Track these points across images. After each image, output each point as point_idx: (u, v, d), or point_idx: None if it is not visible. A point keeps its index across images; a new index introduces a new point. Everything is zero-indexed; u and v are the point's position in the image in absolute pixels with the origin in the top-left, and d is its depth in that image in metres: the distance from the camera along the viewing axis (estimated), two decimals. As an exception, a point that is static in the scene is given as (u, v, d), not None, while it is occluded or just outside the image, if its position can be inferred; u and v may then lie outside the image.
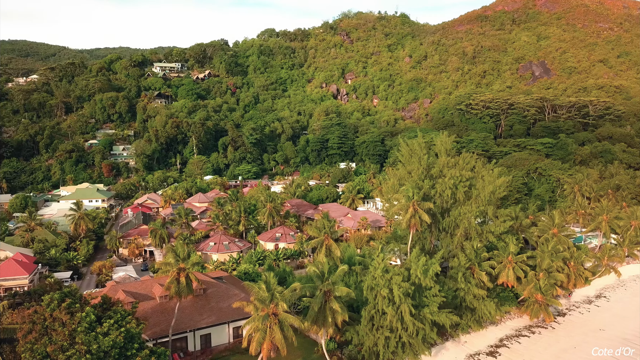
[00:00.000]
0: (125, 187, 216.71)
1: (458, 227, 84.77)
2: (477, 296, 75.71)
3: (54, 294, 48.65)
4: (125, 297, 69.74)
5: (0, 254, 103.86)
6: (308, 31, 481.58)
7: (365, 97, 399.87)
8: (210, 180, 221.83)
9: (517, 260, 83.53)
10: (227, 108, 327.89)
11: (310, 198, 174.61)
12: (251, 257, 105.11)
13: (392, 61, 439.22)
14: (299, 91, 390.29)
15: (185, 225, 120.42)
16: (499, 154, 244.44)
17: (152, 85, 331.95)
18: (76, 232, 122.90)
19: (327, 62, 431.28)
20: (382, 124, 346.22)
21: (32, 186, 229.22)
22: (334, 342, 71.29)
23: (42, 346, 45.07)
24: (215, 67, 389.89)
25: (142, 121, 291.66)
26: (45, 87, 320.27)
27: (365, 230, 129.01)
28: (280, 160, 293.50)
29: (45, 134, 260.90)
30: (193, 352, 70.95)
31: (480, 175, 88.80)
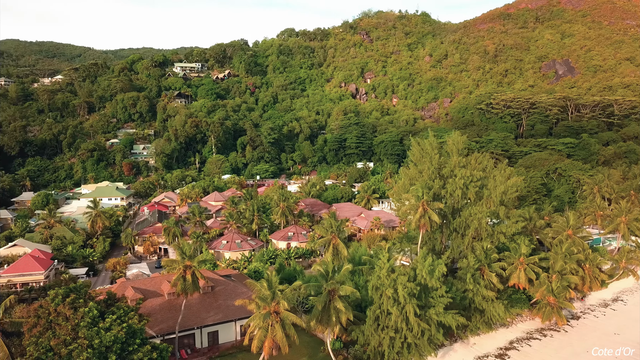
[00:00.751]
0: (144, 186, 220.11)
1: (469, 228, 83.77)
2: (486, 297, 74.63)
3: (59, 289, 49.67)
4: (134, 294, 70.75)
5: (19, 250, 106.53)
6: (327, 31, 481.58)
7: (385, 97, 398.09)
8: (228, 180, 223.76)
9: (528, 262, 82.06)
10: (246, 108, 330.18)
11: (325, 197, 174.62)
12: (262, 256, 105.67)
13: (412, 60, 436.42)
14: (318, 91, 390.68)
15: (199, 223, 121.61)
16: (519, 154, 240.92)
17: (172, 85, 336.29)
18: (93, 229, 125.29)
19: (346, 61, 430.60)
20: (401, 124, 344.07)
21: (54, 184, 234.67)
22: (340, 341, 71.11)
23: (46, 340, 46.05)
24: (235, 67, 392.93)
25: (162, 121, 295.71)
26: (69, 87, 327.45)
27: (379, 231, 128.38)
28: (298, 160, 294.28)
29: (68, 133, 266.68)
30: (200, 349, 71.56)
31: (492, 175, 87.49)
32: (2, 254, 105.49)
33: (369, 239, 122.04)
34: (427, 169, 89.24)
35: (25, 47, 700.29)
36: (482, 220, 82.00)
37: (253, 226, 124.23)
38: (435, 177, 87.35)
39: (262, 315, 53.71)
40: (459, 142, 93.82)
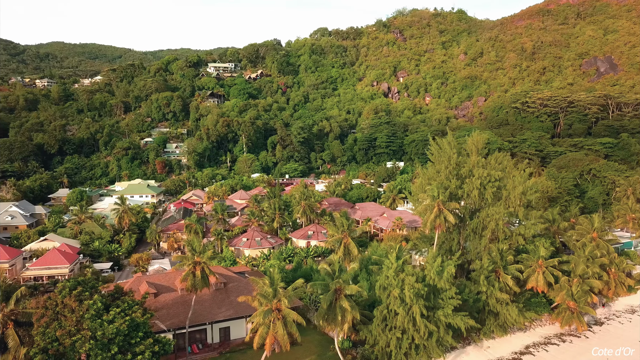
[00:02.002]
0: (174, 184, 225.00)
1: (486, 229, 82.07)
2: (500, 300, 72.95)
3: (67, 282, 51.44)
4: (147, 288, 72.55)
5: (49, 244, 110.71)
6: (360, 30, 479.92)
7: (417, 95, 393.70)
8: (256, 178, 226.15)
9: (547, 265, 79.67)
10: (277, 107, 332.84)
11: (350, 197, 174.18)
12: (281, 254, 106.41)
13: (446, 58, 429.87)
14: (349, 90, 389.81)
15: (222, 220, 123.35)
16: (554, 154, 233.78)
17: (205, 85, 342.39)
18: (120, 225, 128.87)
19: (379, 60, 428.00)
20: (433, 123, 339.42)
21: (90, 181, 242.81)
22: (349, 340, 70.96)
23: (53, 330, 47.83)
24: (268, 66, 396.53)
25: (195, 120, 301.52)
26: (107, 88, 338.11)
27: (400, 231, 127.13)
28: (327, 159, 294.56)
29: (105, 132, 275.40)
30: (211, 344, 72.69)
31: (511, 175, 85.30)
32: (33, 248, 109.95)
33: (390, 239, 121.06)
34: (445, 168, 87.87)
35: (69, 49, 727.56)
36: (499, 222, 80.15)
37: (274, 224, 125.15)
38: (452, 176, 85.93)
39: (262, 312, 54.14)
40: (479, 142, 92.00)
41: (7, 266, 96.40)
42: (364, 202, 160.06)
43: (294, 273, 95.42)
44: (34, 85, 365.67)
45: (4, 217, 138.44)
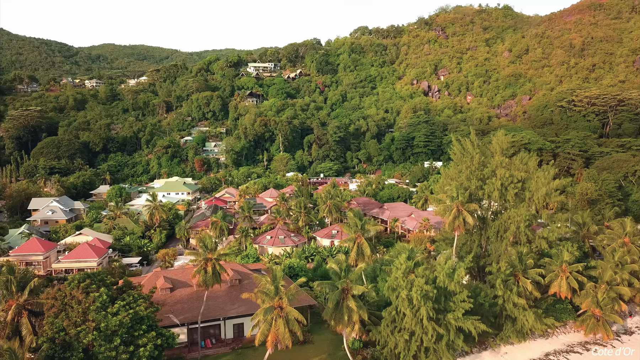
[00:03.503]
0: (210, 182, 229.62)
1: (507, 231, 79.67)
2: (517, 305, 70.56)
3: (76, 275, 53.46)
4: (163, 283, 74.49)
5: (83, 238, 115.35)
6: (401, 28, 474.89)
7: (459, 94, 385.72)
8: (290, 177, 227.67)
9: (572, 270, 76.40)
10: (314, 107, 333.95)
11: (381, 197, 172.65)
12: (302, 252, 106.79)
13: (489, 56, 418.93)
14: (388, 88, 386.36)
15: (248, 218, 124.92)
16: (599, 154, 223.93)
17: (244, 85, 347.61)
18: (151, 221, 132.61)
19: (420, 58, 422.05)
20: (474, 122, 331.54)
21: (132, 179, 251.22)
22: (360, 341, 70.48)
23: (60, 320, 49.86)
24: (307, 66, 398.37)
25: (233, 119, 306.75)
26: (151, 88, 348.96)
27: (428, 232, 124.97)
28: (363, 158, 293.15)
29: (147, 131, 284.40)
30: (225, 340, 73.84)
31: (535, 176, 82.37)
32: (68, 242, 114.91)
33: (417, 240, 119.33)
34: (466, 168, 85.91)
35: (119, 51, 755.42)
36: (520, 224, 77.59)
37: (300, 223, 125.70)
38: (472, 177, 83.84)
39: (264, 310, 54.56)
40: (503, 142, 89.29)
41: (42, 258, 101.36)
42: (394, 203, 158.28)
43: (314, 272, 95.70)
44: (83, 86, 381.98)
45: (45, 212, 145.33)
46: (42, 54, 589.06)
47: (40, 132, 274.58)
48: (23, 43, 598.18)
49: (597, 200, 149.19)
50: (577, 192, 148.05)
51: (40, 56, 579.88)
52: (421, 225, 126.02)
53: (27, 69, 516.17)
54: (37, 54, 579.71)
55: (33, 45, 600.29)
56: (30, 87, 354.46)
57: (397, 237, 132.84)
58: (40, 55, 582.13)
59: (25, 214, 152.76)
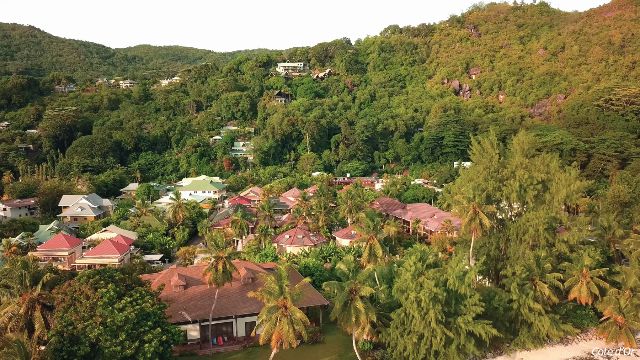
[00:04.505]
0: (237, 180, 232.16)
1: (526, 234, 77.62)
2: (533, 310, 68.61)
3: (85, 271, 54.86)
4: (177, 280, 75.69)
5: (108, 235, 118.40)
6: (433, 26, 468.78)
7: (490, 93, 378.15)
8: (315, 177, 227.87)
9: (593, 275, 73.73)
10: (342, 106, 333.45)
11: (405, 197, 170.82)
12: (320, 252, 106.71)
13: (523, 54, 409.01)
14: (418, 87, 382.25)
15: (269, 217, 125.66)
16: (636, 155, 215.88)
17: (273, 85, 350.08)
18: (175, 219, 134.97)
19: (451, 57, 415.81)
20: (506, 121, 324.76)
21: (162, 177, 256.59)
22: (370, 343, 69.90)
23: (69, 315, 51.21)
24: (336, 65, 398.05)
25: (262, 119, 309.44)
26: (183, 88, 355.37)
27: (450, 234, 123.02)
28: (391, 158, 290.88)
29: (177, 130, 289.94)
30: (237, 338, 74.39)
31: (556, 177, 79.87)
32: (93, 238, 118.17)
33: (438, 242, 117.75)
34: (483, 169, 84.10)
35: (154, 52, 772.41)
36: (539, 227, 75.39)
37: (320, 223, 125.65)
38: (490, 178, 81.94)
39: (267, 309, 54.75)
40: (524, 142, 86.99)
41: (67, 254, 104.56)
42: (417, 203, 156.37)
43: (330, 272, 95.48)
44: (118, 86, 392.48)
45: (75, 209, 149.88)
46: (81, 55, 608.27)
47: (76, 131, 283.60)
48: (63, 45, 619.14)
49: (630, 203, 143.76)
50: (609, 194, 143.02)
51: (79, 57, 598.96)
52: (443, 227, 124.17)
53: (66, 70, 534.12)
54: (75, 56, 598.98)
55: (72, 47, 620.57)
56: (67, 88, 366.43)
57: (418, 238, 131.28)
58: (79, 57, 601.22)
59: (57, 210, 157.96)
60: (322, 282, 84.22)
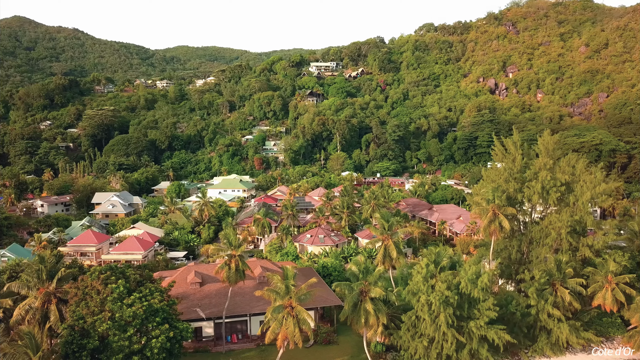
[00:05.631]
0: (266, 180, 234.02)
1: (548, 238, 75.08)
2: (552, 316, 66.28)
3: (97, 267, 56.29)
4: (193, 277, 76.84)
5: (135, 232, 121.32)
6: (469, 24, 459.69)
7: (528, 92, 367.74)
8: (344, 177, 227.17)
9: (619, 281, 70.57)
10: (374, 105, 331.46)
11: (433, 198, 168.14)
12: (341, 252, 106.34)
13: (563, 51, 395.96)
14: (452, 86, 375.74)
15: (292, 216, 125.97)
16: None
17: (305, 85, 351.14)
18: (201, 217, 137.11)
19: (487, 55, 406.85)
20: (543, 121, 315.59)
21: (194, 176, 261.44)
22: (382, 345, 69.17)
23: (81, 309, 52.71)
24: (369, 64, 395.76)
25: (293, 119, 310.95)
26: (217, 88, 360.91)
27: (475, 235, 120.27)
28: (423, 158, 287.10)
29: (210, 130, 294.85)
30: (251, 336, 74.90)
31: (581, 179, 76.85)
32: (121, 235, 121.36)
33: (463, 243, 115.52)
34: (505, 170, 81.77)
35: (192, 52, 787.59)
36: (561, 230, 72.77)
37: (342, 223, 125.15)
38: (512, 179, 79.59)
39: (273, 308, 54.87)
40: (549, 142, 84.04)
41: (94, 249, 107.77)
42: (444, 204, 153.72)
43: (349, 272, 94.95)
44: (155, 86, 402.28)
45: (107, 206, 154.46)
46: (122, 56, 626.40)
47: (113, 130, 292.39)
48: (105, 47, 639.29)
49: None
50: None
51: (119, 59, 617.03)
52: (468, 229, 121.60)
53: (107, 70, 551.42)
54: (116, 57, 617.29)
55: (114, 49, 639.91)
56: (106, 88, 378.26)
57: (444, 240, 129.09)
58: (120, 58, 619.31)
59: (90, 207, 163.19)
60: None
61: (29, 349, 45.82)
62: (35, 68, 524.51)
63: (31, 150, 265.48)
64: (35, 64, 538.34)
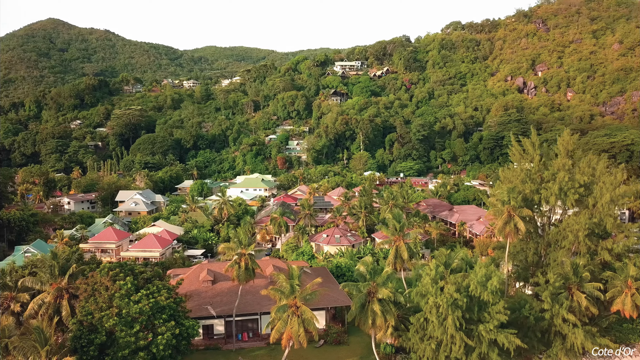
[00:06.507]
0: (287, 179, 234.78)
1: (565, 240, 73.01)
2: (567, 321, 64.40)
3: (107, 264, 57.35)
4: (205, 276, 77.59)
5: (155, 229, 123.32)
6: (497, 22, 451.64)
7: (558, 91, 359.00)
8: (366, 176, 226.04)
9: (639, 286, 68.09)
10: (398, 104, 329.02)
11: (455, 199, 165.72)
12: (358, 252, 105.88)
13: (595, 49, 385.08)
14: (479, 85, 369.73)
15: (309, 216, 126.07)
16: None
17: (329, 84, 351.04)
18: (220, 216, 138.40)
19: (515, 53, 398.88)
20: (573, 121, 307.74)
21: (218, 175, 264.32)
22: (392, 346, 68.56)
23: (89, 305, 53.82)
24: (394, 63, 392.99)
25: (316, 118, 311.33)
26: (242, 87, 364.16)
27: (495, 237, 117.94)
28: (448, 158, 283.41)
29: (234, 129, 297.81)
30: (262, 335, 75.19)
31: (601, 181, 74.46)
32: (141, 232, 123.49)
33: (482, 245, 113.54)
34: (521, 171, 79.86)
35: (220, 52, 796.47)
36: (579, 233, 70.61)
37: (360, 223, 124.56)
38: (528, 180, 77.69)
39: (278, 308, 54.93)
40: (569, 143, 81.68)
41: (114, 246, 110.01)
42: (465, 205, 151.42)
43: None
44: (182, 86, 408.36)
45: (130, 204, 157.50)
46: (151, 57, 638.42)
47: (140, 129, 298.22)
48: (135, 47, 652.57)
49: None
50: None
51: (149, 59, 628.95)
52: (488, 230, 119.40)
53: (137, 71, 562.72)
54: (146, 57, 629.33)
55: (143, 50, 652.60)
56: (134, 88, 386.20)
57: (463, 241, 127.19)
58: (149, 59, 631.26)
59: (115, 205, 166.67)
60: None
61: (37, 342, 47.00)
62: (68, 69, 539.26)
63: (61, 148, 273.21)
64: (68, 64, 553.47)
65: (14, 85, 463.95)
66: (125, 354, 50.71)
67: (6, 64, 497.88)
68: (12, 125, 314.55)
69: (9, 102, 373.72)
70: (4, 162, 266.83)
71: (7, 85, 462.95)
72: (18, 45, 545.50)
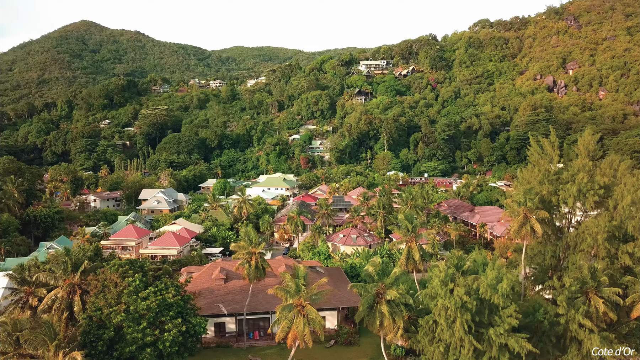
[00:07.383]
0: (309, 178, 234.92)
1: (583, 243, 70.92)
2: (583, 326, 62.48)
3: (116, 260, 58.38)
4: (218, 274, 78.27)
5: (175, 227, 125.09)
6: (527, 19, 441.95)
7: (589, 90, 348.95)
8: (390, 176, 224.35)
9: (660, 292, 65.54)
10: (424, 104, 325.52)
11: (478, 200, 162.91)
12: (374, 253, 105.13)
13: (630, 46, 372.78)
14: (507, 84, 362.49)
15: (326, 215, 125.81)
16: None
17: (354, 83, 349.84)
18: (240, 214, 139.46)
19: (545, 51, 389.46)
20: (605, 120, 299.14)
21: (241, 174, 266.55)
22: (402, 348, 67.90)
23: (99, 301, 54.92)
24: (420, 62, 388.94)
25: (340, 118, 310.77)
26: (267, 87, 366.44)
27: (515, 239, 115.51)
28: (473, 158, 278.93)
29: (259, 129, 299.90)
30: (272, 333, 75.31)
31: (622, 182, 72.04)
32: (161, 230, 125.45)
33: (502, 247, 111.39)
34: (539, 172, 77.91)
35: (247, 52, 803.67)
36: (598, 236, 68.42)
37: (378, 223, 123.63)
38: (546, 180, 75.73)
39: (283, 307, 54.93)
40: (590, 143, 79.41)
41: (134, 244, 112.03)
42: (487, 206, 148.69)
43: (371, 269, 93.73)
44: (208, 86, 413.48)
45: (152, 202, 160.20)
46: (179, 57, 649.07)
47: (167, 129, 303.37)
48: (164, 48, 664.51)
49: None
50: None
51: (177, 60, 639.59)
52: (508, 232, 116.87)
53: (165, 71, 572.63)
54: (175, 58, 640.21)
55: (172, 50, 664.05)
56: (162, 88, 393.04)
57: (483, 243, 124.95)
58: (178, 59, 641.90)
59: (138, 203, 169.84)
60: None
61: (47, 336, 48.16)
62: (99, 70, 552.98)
63: (90, 147, 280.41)
64: (99, 65, 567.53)
65: (48, 86, 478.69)
66: (132, 350, 51.51)
67: (41, 65, 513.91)
68: (45, 124, 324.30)
69: (43, 102, 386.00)
70: (35, 160, 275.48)
71: (42, 86, 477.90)
72: (52, 47, 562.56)
